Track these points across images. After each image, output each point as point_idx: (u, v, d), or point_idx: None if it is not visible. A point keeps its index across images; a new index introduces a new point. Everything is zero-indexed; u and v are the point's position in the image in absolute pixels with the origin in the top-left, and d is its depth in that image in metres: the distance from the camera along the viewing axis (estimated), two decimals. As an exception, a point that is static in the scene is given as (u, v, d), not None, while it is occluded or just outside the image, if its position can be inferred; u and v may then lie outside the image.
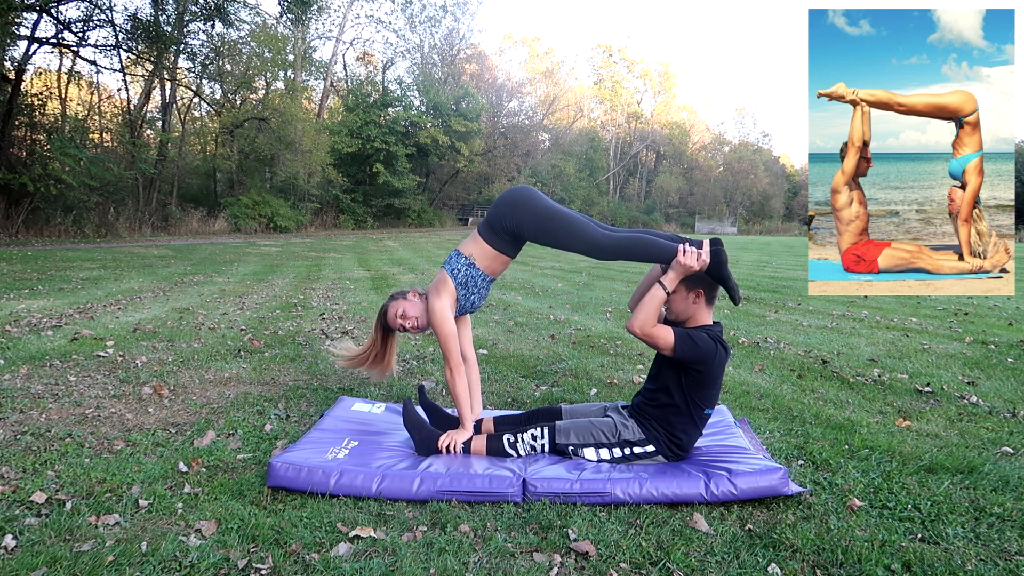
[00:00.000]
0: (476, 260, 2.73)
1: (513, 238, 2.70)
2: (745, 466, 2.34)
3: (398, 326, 2.82)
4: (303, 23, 24.85)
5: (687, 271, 2.47)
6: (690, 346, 2.42)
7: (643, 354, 4.70)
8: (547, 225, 2.62)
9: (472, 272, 2.73)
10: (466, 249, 2.75)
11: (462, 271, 2.73)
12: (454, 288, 2.73)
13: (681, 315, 2.58)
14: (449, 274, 2.74)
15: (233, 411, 3.20)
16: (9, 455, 2.55)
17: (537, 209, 2.63)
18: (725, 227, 50.73)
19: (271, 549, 1.92)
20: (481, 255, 2.73)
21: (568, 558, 1.92)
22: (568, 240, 2.64)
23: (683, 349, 2.43)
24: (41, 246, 13.38)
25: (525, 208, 2.63)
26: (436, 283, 2.77)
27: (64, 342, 4.55)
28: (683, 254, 2.45)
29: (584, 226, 2.62)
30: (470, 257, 2.73)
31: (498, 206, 2.69)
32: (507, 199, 2.68)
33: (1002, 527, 2.11)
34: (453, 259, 2.76)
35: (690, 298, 2.54)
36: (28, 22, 15.86)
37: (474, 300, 2.80)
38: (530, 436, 2.61)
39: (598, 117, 59.02)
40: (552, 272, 11.12)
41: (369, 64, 35.21)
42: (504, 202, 2.68)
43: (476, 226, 2.81)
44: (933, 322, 6.26)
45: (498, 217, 2.67)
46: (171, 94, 21.89)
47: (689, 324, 2.57)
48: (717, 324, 2.58)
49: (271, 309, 6.46)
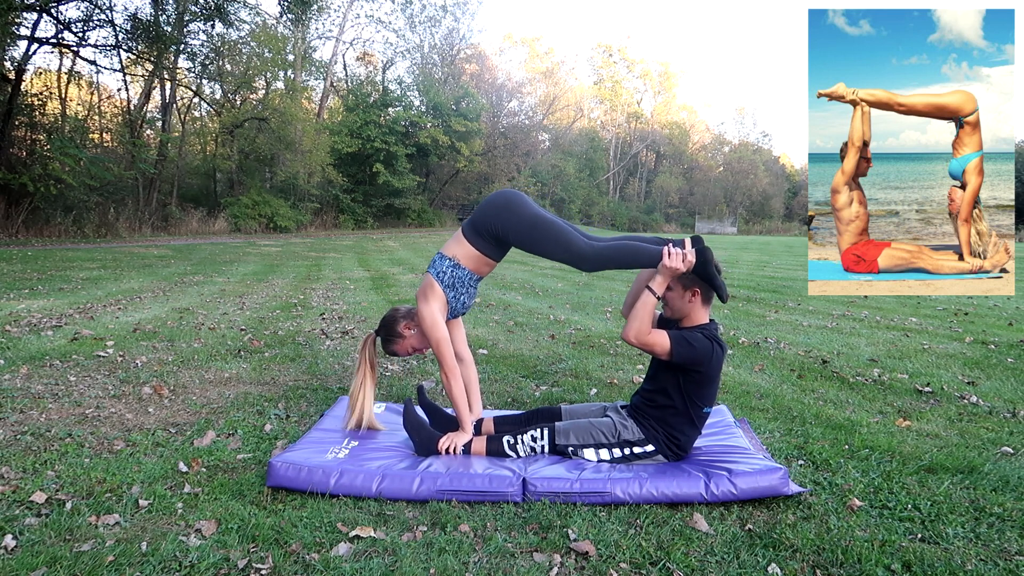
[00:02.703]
0: (461, 261, 2.70)
1: (497, 242, 2.67)
2: (745, 466, 2.34)
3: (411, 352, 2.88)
4: (303, 23, 24.85)
5: (674, 273, 2.47)
6: (687, 349, 2.42)
7: (643, 354, 4.70)
8: (533, 233, 2.59)
9: (458, 273, 2.71)
10: (449, 251, 2.72)
11: (448, 273, 2.71)
12: (442, 292, 2.70)
13: (678, 313, 2.58)
14: (435, 278, 2.71)
15: (233, 411, 3.20)
16: (9, 455, 2.55)
17: (523, 215, 2.60)
18: (725, 227, 50.73)
19: (271, 549, 1.92)
20: (465, 256, 2.70)
21: (568, 558, 1.92)
22: (553, 248, 2.60)
23: (680, 353, 2.43)
24: (41, 246, 13.38)
25: (511, 212, 2.60)
26: (423, 289, 2.73)
27: (64, 342, 4.55)
28: (668, 256, 2.45)
29: (569, 235, 2.60)
30: (454, 258, 2.70)
31: (484, 208, 2.66)
32: (494, 202, 2.65)
33: (1002, 527, 2.11)
34: (437, 262, 2.73)
35: (686, 296, 2.54)
36: (28, 22, 15.88)
37: (465, 300, 2.79)
38: (530, 437, 2.61)
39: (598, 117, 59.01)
40: (552, 272, 11.12)
41: (369, 64, 35.22)
42: (491, 204, 2.65)
43: (460, 226, 2.78)
44: (933, 322, 6.26)
45: (484, 219, 2.64)
46: (171, 94, 21.89)
47: (685, 322, 2.58)
48: (713, 322, 2.59)
49: (271, 309, 6.46)
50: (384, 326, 2.85)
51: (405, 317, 2.83)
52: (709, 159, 61.82)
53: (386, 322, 2.85)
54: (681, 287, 2.53)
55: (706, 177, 57.28)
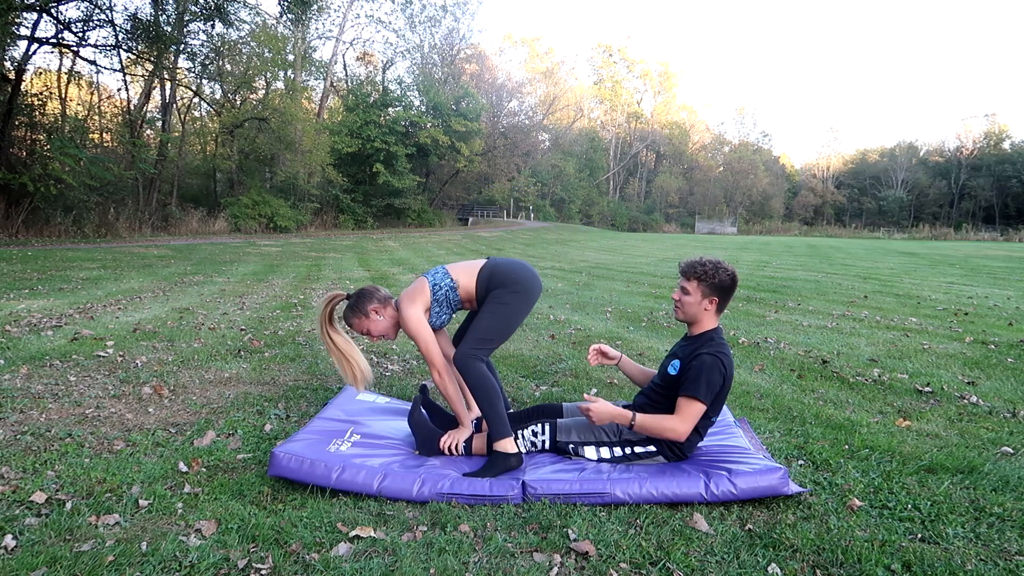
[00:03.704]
0: (460, 289, 2.73)
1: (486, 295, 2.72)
2: (745, 466, 2.34)
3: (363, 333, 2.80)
4: (303, 23, 24.85)
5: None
6: (714, 394, 2.44)
7: (643, 354, 4.70)
8: (502, 319, 2.64)
9: (452, 296, 2.74)
10: (455, 273, 2.74)
11: (443, 290, 2.73)
12: (430, 300, 2.73)
13: (691, 317, 2.58)
14: (430, 287, 2.72)
15: (233, 411, 3.20)
16: (9, 455, 2.55)
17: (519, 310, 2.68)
18: (725, 227, 50.74)
19: (271, 549, 1.92)
20: (466, 288, 2.73)
21: (568, 558, 1.92)
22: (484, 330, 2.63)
23: (713, 405, 2.47)
24: (41, 246, 13.37)
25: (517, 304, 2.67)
26: (413, 291, 2.72)
27: (64, 342, 4.55)
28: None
29: (495, 344, 2.67)
30: (456, 282, 2.73)
31: (513, 277, 2.69)
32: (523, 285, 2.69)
33: (1002, 527, 2.11)
34: (439, 275, 2.74)
35: (704, 303, 2.54)
36: (28, 22, 15.88)
37: (443, 320, 2.81)
38: (531, 432, 2.61)
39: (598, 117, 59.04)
40: (552, 272, 11.12)
41: (369, 64, 35.23)
42: (517, 284, 2.69)
43: (484, 261, 2.79)
44: (933, 322, 6.26)
45: (503, 282, 2.68)
46: (171, 94, 21.89)
47: (695, 328, 2.58)
48: (719, 329, 2.59)
49: (271, 309, 6.46)
50: (357, 296, 2.79)
51: (381, 301, 2.77)
52: (709, 159, 61.85)
53: (361, 293, 2.79)
54: (701, 293, 2.53)
55: (706, 177, 57.32)
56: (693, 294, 2.54)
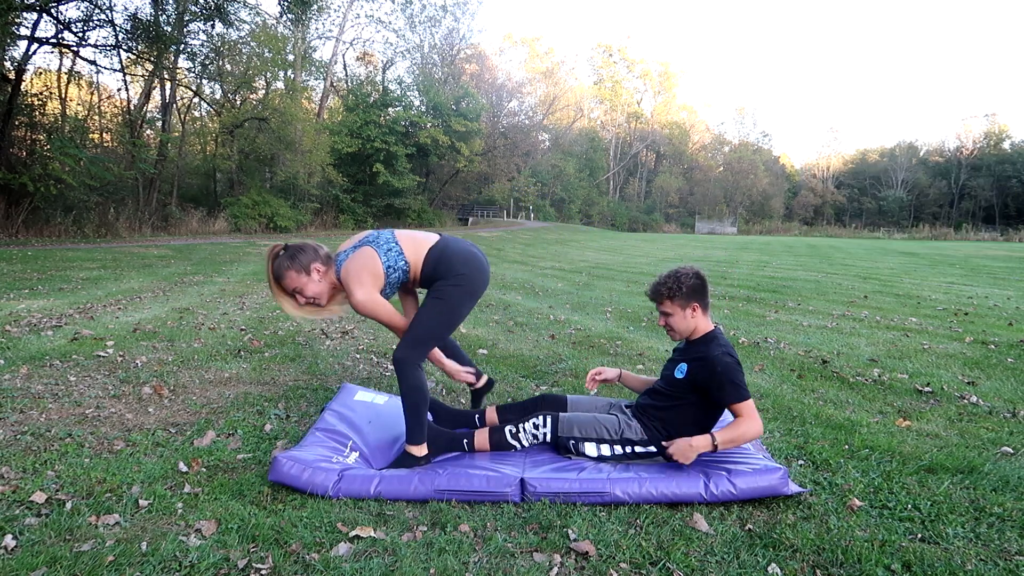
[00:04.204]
0: (411, 270, 2.61)
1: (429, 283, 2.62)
2: (745, 466, 2.34)
3: (290, 292, 2.57)
4: (303, 23, 24.85)
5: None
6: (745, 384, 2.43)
7: (643, 354, 4.70)
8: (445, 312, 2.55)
9: (403, 278, 2.62)
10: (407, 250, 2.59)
11: (396, 274, 2.58)
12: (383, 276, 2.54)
13: (685, 333, 2.57)
14: (384, 268, 2.53)
15: (233, 411, 3.20)
16: (9, 455, 2.55)
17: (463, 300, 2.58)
18: (725, 227, 50.74)
19: (271, 549, 1.92)
20: (414, 268, 2.61)
21: (568, 558, 1.92)
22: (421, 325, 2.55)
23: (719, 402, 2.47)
24: (41, 246, 13.37)
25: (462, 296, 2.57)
26: (361, 270, 2.49)
27: (64, 342, 4.55)
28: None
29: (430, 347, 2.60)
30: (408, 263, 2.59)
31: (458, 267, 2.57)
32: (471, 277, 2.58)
33: (1002, 527, 2.11)
34: (393, 256, 2.56)
35: (688, 314, 2.54)
36: (28, 22, 15.86)
37: (386, 295, 2.64)
38: (532, 425, 2.61)
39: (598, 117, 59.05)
40: (552, 272, 11.12)
41: (369, 64, 35.24)
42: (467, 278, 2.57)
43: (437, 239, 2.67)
44: (933, 322, 6.26)
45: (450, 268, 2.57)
46: (171, 94, 21.88)
47: (694, 336, 2.57)
48: (717, 327, 2.59)
49: (271, 309, 6.46)
50: (299, 248, 2.57)
51: (324, 261, 2.57)
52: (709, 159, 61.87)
53: (304, 247, 2.57)
54: (680, 307, 2.53)
55: (706, 177, 57.34)
56: (674, 312, 2.53)
